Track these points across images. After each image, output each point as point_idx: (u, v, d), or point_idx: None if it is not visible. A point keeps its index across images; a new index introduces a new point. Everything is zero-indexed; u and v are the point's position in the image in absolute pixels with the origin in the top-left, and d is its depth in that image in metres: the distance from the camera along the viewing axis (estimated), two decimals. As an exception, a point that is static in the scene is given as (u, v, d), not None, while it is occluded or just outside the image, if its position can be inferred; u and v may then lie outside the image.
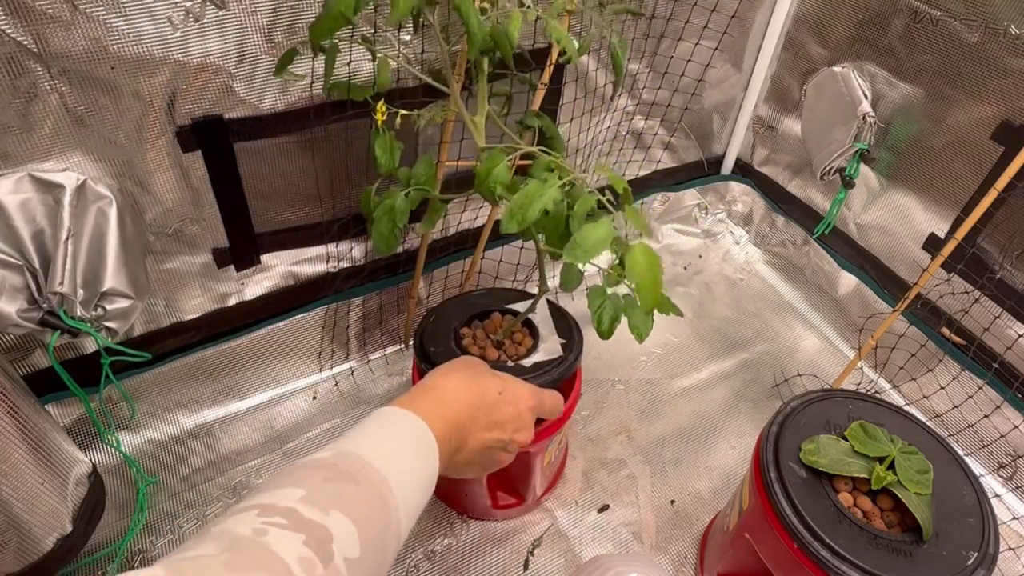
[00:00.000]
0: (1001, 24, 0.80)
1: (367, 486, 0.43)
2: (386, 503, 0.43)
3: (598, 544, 0.82)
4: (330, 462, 0.44)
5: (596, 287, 0.56)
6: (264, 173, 0.79)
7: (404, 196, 0.65)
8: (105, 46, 0.60)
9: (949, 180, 0.91)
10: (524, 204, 0.51)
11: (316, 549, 0.36)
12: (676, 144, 1.20)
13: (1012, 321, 0.86)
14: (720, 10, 0.95)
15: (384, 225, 0.64)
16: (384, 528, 0.42)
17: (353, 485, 0.42)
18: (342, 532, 0.38)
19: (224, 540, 0.35)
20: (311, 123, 0.75)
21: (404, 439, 0.50)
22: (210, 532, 0.36)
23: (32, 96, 0.60)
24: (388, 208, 0.64)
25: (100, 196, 0.66)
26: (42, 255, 0.64)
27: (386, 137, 0.65)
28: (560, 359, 0.73)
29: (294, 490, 0.40)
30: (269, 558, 0.34)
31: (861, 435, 0.62)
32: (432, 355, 0.73)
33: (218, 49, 0.66)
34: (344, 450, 0.45)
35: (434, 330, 0.76)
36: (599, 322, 0.55)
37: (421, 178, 0.66)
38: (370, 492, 0.43)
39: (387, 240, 0.65)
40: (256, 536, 0.35)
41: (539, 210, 0.50)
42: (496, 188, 0.55)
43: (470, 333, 0.78)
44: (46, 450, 0.61)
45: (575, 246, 0.48)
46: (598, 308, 0.56)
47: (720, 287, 1.23)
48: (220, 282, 0.85)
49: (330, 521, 0.38)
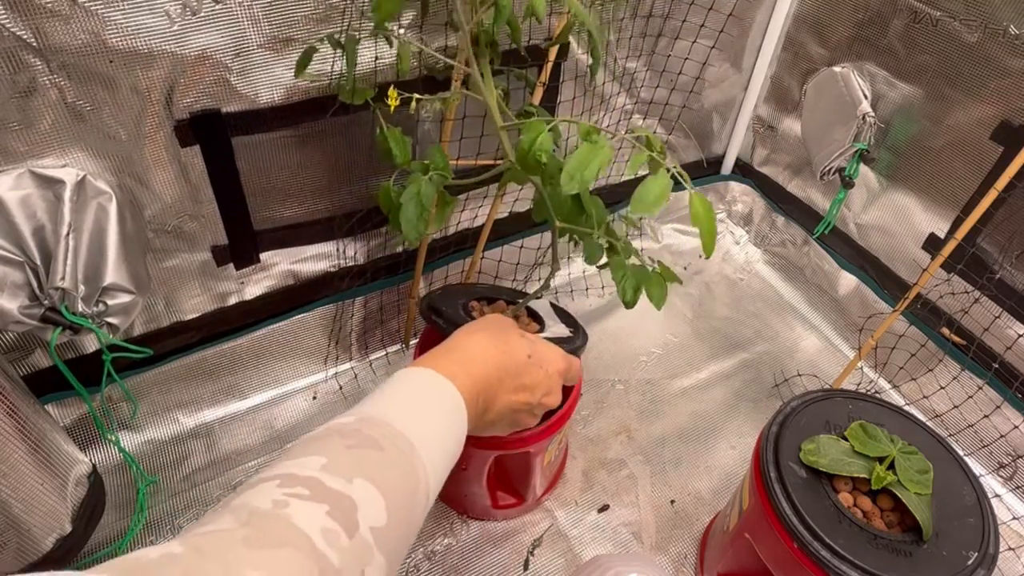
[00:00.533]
0: (1001, 24, 0.80)
1: (392, 451, 0.41)
2: (412, 467, 0.41)
3: (598, 544, 0.82)
4: (353, 427, 0.42)
5: (617, 258, 0.58)
6: (262, 168, 0.78)
7: (428, 180, 0.65)
8: (104, 40, 0.60)
9: (949, 180, 0.91)
10: (582, 164, 0.50)
11: (340, 520, 0.35)
12: (676, 144, 1.20)
13: (1012, 321, 0.86)
14: (718, 9, 0.95)
15: (412, 211, 0.64)
16: (411, 493, 0.41)
17: (377, 451, 0.41)
18: (367, 500, 0.37)
19: (243, 514, 0.33)
20: (309, 117, 0.75)
21: (430, 400, 0.48)
22: (230, 505, 0.34)
23: (31, 91, 0.60)
24: (414, 194, 0.64)
25: (100, 192, 0.66)
26: (43, 251, 0.64)
27: (396, 131, 0.65)
28: (569, 338, 0.73)
29: (316, 458, 0.38)
30: (291, 532, 0.33)
31: (861, 435, 0.62)
32: (444, 312, 0.72)
33: (215, 42, 0.66)
34: (367, 414, 0.44)
35: (442, 299, 0.75)
36: (624, 292, 0.58)
37: (440, 163, 0.66)
38: (395, 457, 0.41)
39: (417, 226, 0.64)
40: (277, 508, 0.34)
41: (596, 169, 0.51)
42: (541, 156, 0.55)
43: (479, 307, 0.77)
44: (46, 450, 0.61)
45: (639, 199, 0.49)
46: (621, 278, 0.58)
47: (720, 287, 1.23)
48: (220, 281, 0.85)
49: (354, 490, 0.37)
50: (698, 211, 0.49)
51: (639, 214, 0.49)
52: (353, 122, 0.78)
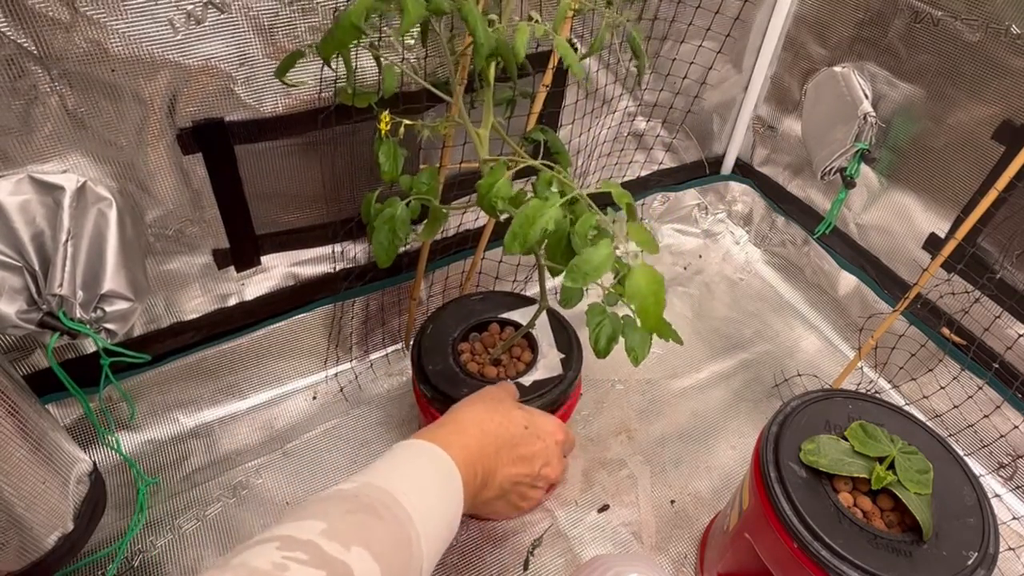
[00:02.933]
0: (1002, 24, 0.80)
1: (390, 520, 0.42)
2: (408, 538, 0.42)
3: (598, 544, 0.82)
4: (352, 493, 0.43)
5: (595, 304, 0.55)
6: (265, 175, 0.79)
7: (405, 206, 0.64)
8: (106, 48, 0.60)
9: (949, 180, 0.91)
10: (526, 225, 0.50)
11: None
12: (676, 144, 1.20)
13: (1012, 321, 0.86)
14: (723, 12, 0.95)
15: (384, 235, 0.63)
16: (405, 564, 0.41)
17: (376, 519, 0.41)
18: (363, 569, 0.37)
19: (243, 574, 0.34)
20: (313, 126, 0.75)
21: (428, 472, 0.48)
22: (229, 564, 0.35)
23: (32, 98, 0.60)
24: (388, 218, 0.62)
25: (100, 198, 0.66)
26: (42, 257, 0.64)
27: (389, 144, 0.65)
28: (559, 377, 0.73)
29: (316, 523, 0.39)
30: None
31: (861, 435, 0.62)
32: (431, 374, 0.73)
33: (219, 52, 0.66)
34: (367, 482, 0.44)
35: (431, 344, 0.76)
36: (596, 341, 0.54)
37: (423, 188, 0.65)
38: (392, 527, 0.42)
39: (387, 251, 0.63)
40: (276, 572, 0.35)
41: (540, 230, 0.50)
42: (497, 203, 0.54)
43: (468, 348, 0.78)
44: (47, 449, 0.61)
45: (575, 269, 0.48)
46: (596, 326, 0.54)
47: (720, 287, 1.23)
48: (220, 283, 0.85)
49: (351, 557, 0.37)
50: (639, 285, 0.47)
51: (573, 284, 0.47)
52: (356, 131, 0.78)
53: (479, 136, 0.60)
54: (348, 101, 0.66)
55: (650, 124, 1.14)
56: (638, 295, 0.47)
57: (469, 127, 0.60)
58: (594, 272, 0.47)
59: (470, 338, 0.80)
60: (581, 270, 0.48)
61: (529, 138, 0.71)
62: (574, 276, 0.48)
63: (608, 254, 0.48)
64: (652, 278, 0.47)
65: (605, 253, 0.48)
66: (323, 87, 0.72)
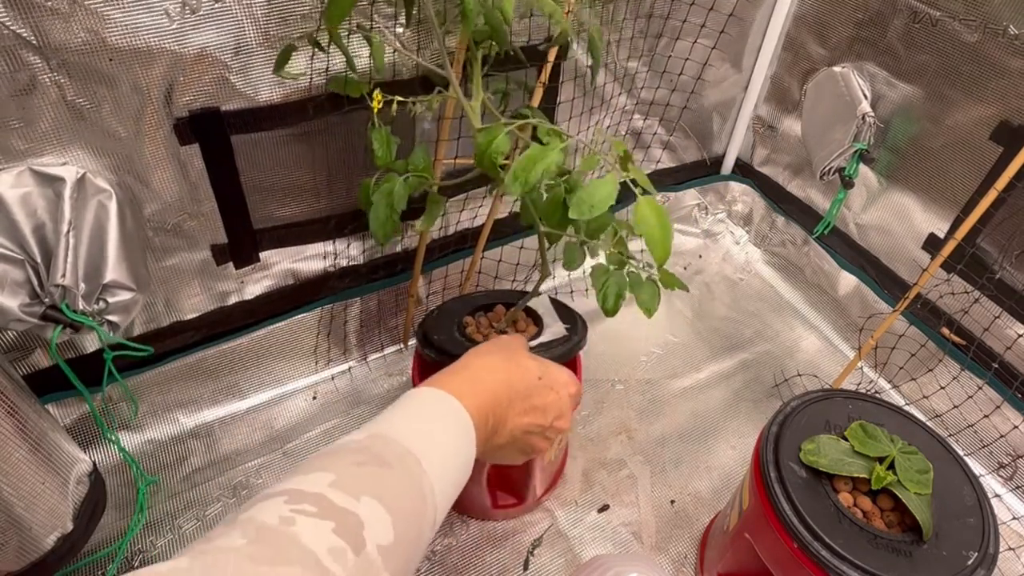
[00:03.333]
0: (1000, 24, 0.80)
1: (400, 469, 0.41)
2: (420, 486, 0.41)
3: (598, 544, 0.82)
4: (361, 445, 0.42)
5: (600, 265, 0.56)
6: (261, 167, 0.78)
7: (403, 181, 0.63)
8: (103, 38, 0.60)
9: (949, 180, 0.91)
10: (527, 166, 0.49)
11: (347, 537, 0.35)
12: (676, 144, 1.20)
13: (1012, 321, 0.86)
14: (718, 8, 0.95)
15: (382, 210, 0.62)
16: (418, 512, 0.41)
17: (385, 468, 0.41)
18: (374, 518, 0.37)
19: (251, 529, 0.34)
20: (308, 116, 0.75)
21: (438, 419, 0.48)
22: (238, 519, 0.35)
23: (32, 89, 0.60)
24: (387, 192, 0.62)
25: (100, 189, 0.66)
26: (43, 249, 0.64)
27: (383, 131, 0.64)
28: (565, 338, 0.73)
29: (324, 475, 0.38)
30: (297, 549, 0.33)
31: (861, 435, 0.62)
32: (436, 342, 0.72)
33: (214, 41, 0.66)
34: (376, 432, 0.44)
35: (437, 322, 0.75)
36: (603, 299, 0.55)
37: (420, 164, 0.65)
38: (402, 475, 0.41)
39: (384, 226, 0.62)
40: (284, 525, 0.34)
41: (541, 172, 0.49)
42: (497, 159, 0.53)
43: (473, 323, 0.77)
44: (46, 449, 0.61)
45: (581, 201, 0.47)
46: (603, 285, 0.55)
47: (720, 287, 1.23)
48: (219, 280, 0.85)
49: (361, 507, 0.37)
50: (646, 216, 0.47)
51: (579, 216, 0.47)
52: (352, 120, 0.78)
53: (471, 108, 0.59)
54: (340, 89, 0.66)
55: (648, 122, 1.14)
56: (645, 223, 0.47)
57: (462, 98, 0.59)
58: (600, 204, 0.47)
59: (475, 315, 0.79)
60: (587, 202, 0.47)
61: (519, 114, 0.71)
62: (580, 208, 0.47)
63: (614, 186, 0.47)
64: (656, 209, 0.47)
65: (611, 186, 0.47)
66: (316, 75, 0.72)
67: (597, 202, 0.47)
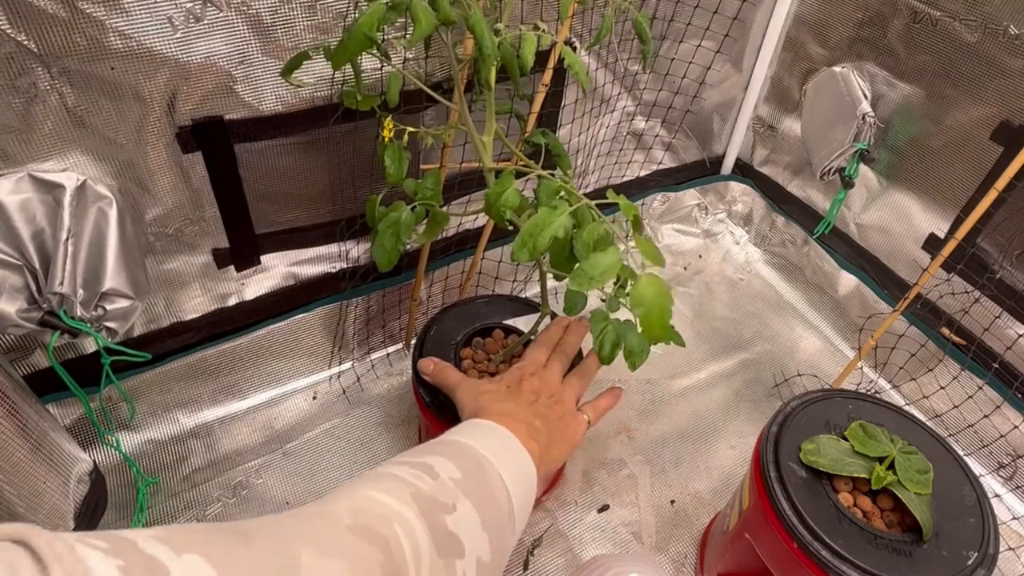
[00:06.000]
0: (1001, 24, 0.80)
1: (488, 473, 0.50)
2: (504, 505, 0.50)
3: (598, 544, 0.82)
4: (451, 447, 0.51)
5: (599, 311, 0.55)
6: (265, 174, 0.78)
7: (410, 211, 0.64)
8: (105, 46, 0.60)
9: (949, 180, 0.91)
10: (535, 233, 0.50)
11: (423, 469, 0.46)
12: (676, 144, 1.20)
13: (1012, 321, 0.86)
14: (721, 11, 0.95)
15: (388, 239, 0.63)
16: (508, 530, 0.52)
17: (481, 470, 0.50)
18: (464, 514, 0.45)
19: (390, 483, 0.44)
20: (312, 125, 0.75)
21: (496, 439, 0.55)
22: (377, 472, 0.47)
23: (32, 96, 0.60)
24: (393, 222, 0.63)
25: (100, 196, 0.66)
26: (42, 255, 0.64)
27: (395, 147, 0.65)
28: None
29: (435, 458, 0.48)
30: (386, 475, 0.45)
31: (861, 435, 0.62)
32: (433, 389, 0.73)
33: (219, 50, 0.66)
34: (454, 440, 0.52)
35: (433, 346, 0.76)
36: (600, 347, 0.54)
37: (427, 192, 0.66)
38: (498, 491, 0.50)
39: (389, 255, 0.64)
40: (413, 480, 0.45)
41: (549, 238, 0.50)
42: (506, 213, 0.55)
43: (470, 355, 0.78)
44: (47, 449, 0.62)
45: (581, 274, 0.48)
46: (600, 333, 0.54)
47: (720, 287, 1.23)
48: (220, 282, 0.85)
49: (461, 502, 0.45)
50: (645, 295, 0.46)
51: (579, 288, 0.48)
52: (357, 130, 0.78)
53: (484, 144, 0.60)
54: (354, 105, 0.66)
55: (649, 124, 1.14)
56: (643, 304, 0.47)
57: (474, 135, 0.60)
58: (600, 277, 0.47)
59: (473, 343, 0.79)
60: (587, 275, 0.48)
61: (530, 141, 0.71)
62: (579, 281, 0.48)
63: (616, 260, 0.48)
64: (659, 289, 0.46)
65: (612, 259, 0.48)
66: (323, 86, 0.72)
67: (598, 275, 0.48)
